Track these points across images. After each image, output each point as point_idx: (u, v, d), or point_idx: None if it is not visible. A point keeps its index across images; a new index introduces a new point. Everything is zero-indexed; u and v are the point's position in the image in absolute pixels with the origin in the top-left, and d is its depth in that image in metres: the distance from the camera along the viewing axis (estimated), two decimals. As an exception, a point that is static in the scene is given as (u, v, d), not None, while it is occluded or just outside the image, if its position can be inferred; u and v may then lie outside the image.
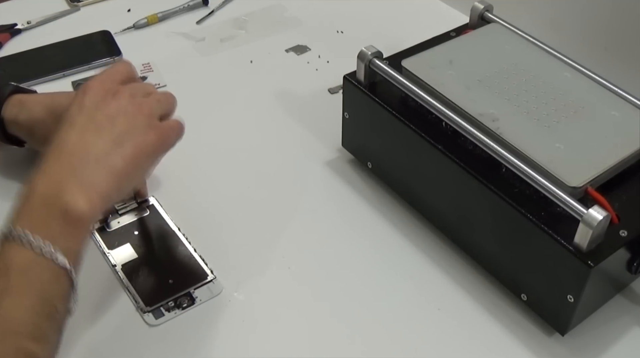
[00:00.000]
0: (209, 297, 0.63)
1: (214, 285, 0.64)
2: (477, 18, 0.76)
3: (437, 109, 0.64)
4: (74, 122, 0.56)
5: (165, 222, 0.69)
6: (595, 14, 0.82)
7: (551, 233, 0.56)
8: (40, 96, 0.71)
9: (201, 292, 0.63)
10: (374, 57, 0.68)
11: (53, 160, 0.54)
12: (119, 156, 0.55)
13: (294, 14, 1.00)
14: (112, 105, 0.58)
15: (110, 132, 0.56)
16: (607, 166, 0.59)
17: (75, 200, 0.52)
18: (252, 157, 0.77)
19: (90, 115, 0.56)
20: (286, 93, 0.86)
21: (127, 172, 0.56)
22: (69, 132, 0.55)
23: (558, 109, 0.63)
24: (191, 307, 0.62)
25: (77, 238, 0.52)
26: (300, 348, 0.60)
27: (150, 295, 0.62)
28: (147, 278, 0.64)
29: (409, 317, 0.62)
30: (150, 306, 0.62)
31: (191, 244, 0.67)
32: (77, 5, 1.00)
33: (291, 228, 0.70)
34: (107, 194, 0.54)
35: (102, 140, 0.55)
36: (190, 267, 0.65)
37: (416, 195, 0.69)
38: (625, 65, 0.79)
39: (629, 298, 0.64)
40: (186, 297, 0.62)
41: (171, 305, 0.62)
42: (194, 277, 0.64)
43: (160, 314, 0.61)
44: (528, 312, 0.62)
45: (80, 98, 0.58)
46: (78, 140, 0.55)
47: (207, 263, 0.65)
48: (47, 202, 0.52)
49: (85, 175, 0.53)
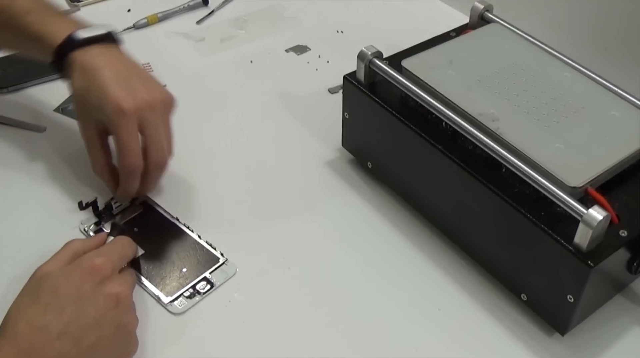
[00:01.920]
0: (225, 279, 0.64)
1: (227, 267, 0.65)
2: (477, 18, 0.76)
3: (437, 109, 0.64)
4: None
5: (163, 216, 0.69)
6: (595, 14, 0.82)
7: (551, 233, 0.56)
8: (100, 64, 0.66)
9: (217, 275, 0.64)
10: (374, 57, 0.68)
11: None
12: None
13: (294, 14, 1.00)
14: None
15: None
16: (607, 166, 0.59)
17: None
18: (252, 157, 0.77)
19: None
20: (286, 93, 0.86)
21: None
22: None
23: (558, 109, 0.63)
24: (211, 290, 0.63)
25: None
26: (300, 349, 0.60)
27: (169, 286, 0.63)
28: (160, 270, 0.64)
29: (409, 317, 0.62)
30: (172, 295, 0.62)
31: (194, 232, 0.67)
32: (77, 5, 1.00)
33: (291, 228, 0.70)
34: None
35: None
36: (200, 253, 0.66)
37: (416, 195, 0.69)
38: (625, 65, 0.79)
39: (629, 298, 0.64)
40: (204, 282, 0.63)
41: (191, 291, 0.63)
42: (206, 262, 0.65)
43: (183, 302, 0.62)
44: (528, 312, 0.62)
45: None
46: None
47: (215, 248, 0.66)
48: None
49: None
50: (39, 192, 0.72)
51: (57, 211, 0.69)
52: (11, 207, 0.71)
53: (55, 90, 0.84)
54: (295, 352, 0.60)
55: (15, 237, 0.67)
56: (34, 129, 0.79)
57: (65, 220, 0.68)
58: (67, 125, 0.80)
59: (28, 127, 0.80)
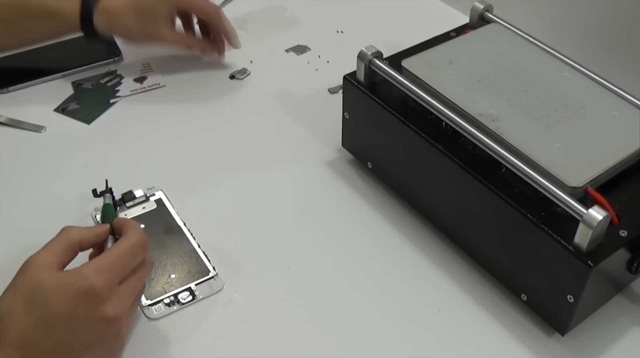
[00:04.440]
0: (209, 293, 0.63)
1: (215, 282, 0.64)
2: (477, 18, 0.76)
3: (437, 109, 0.64)
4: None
5: (172, 218, 0.69)
6: (595, 14, 0.82)
7: (551, 233, 0.56)
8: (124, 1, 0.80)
9: (202, 288, 0.63)
10: (374, 57, 0.68)
11: None
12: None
13: (294, 14, 1.00)
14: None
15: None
16: (607, 166, 0.59)
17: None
18: (252, 157, 0.77)
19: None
20: (286, 93, 0.86)
21: None
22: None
23: (558, 109, 0.63)
24: (191, 302, 0.62)
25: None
26: (299, 349, 0.60)
27: (153, 289, 0.63)
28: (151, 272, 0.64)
29: (408, 317, 0.62)
30: (152, 300, 0.62)
31: (195, 240, 0.67)
32: (77, 6, 1.00)
33: (291, 228, 0.70)
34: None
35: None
36: (193, 263, 0.65)
37: (416, 195, 0.69)
38: (625, 65, 0.79)
39: (629, 298, 0.64)
40: (187, 292, 0.63)
41: (172, 299, 0.62)
42: (196, 273, 0.65)
43: (161, 308, 0.62)
44: (528, 312, 0.62)
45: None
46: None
47: (210, 260, 0.65)
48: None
49: None
50: (38, 192, 0.72)
51: (57, 211, 0.69)
52: (11, 207, 0.71)
53: (55, 90, 0.84)
54: (295, 352, 0.60)
55: (15, 238, 0.67)
56: (34, 129, 0.79)
57: (64, 219, 0.68)
58: (67, 125, 0.80)
59: (28, 127, 0.80)
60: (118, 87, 0.86)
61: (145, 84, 0.87)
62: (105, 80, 0.87)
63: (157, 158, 0.77)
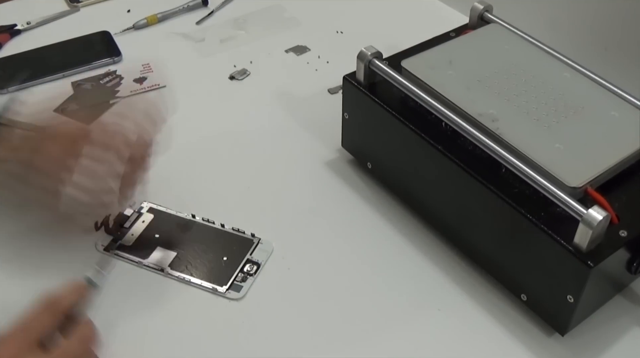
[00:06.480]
0: (267, 256, 0.66)
1: (263, 245, 0.66)
2: (477, 18, 0.76)
3: (437, 109, 0.64)
4: None
5: (177, 216, 0.70)
6: (595, 14, 0.82)
7: (551, 233, 0.56)
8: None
9: (258, 255, 0.66)
10: (373, 57, 0.68)
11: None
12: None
13: (293, 14, 1.00)
14: None
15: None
16: (607, 166, 0.59)
17: None
18: (252, 158, 0.77)
19: None
20: (286, 93, 0.86)
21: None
22: None
23: (558, 109, 0.63)
24: (259, 270, 0.65)
25: None
26: (300, 349, 0.60)
27: (218, 277, 0.64)
28: (201, 265, 0.65)
29: (409, 317, 0.62)
30: (226, 284, 0.64)
31: (215, 224, 0.68)
32: (76, 6, 1.00)
33: (291, 228, 0.70)
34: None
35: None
36: (232, 240, 0.67)
37: (416, 195, 0.69)
38: (625, 65, 0.79)
39: (629, 298, 0.64)
40: (249, 264, 0.65)
41: (242, 275, 0.64)
42: (243, 246, 0.66)
43: (239, 287, 0.63)
44: (528, 312, 0.62)
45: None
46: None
47: (243, 231, 0.67)
48: None
49: None
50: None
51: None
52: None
53: (55, 90, 0.84)
54: (295, 352, 0.60)
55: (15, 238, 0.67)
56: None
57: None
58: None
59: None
60: (118, 87, 0.86)
61: (145, 84, 0.87)
62: (105, 80, 0.87)
63: (156, 157, 0.76)
